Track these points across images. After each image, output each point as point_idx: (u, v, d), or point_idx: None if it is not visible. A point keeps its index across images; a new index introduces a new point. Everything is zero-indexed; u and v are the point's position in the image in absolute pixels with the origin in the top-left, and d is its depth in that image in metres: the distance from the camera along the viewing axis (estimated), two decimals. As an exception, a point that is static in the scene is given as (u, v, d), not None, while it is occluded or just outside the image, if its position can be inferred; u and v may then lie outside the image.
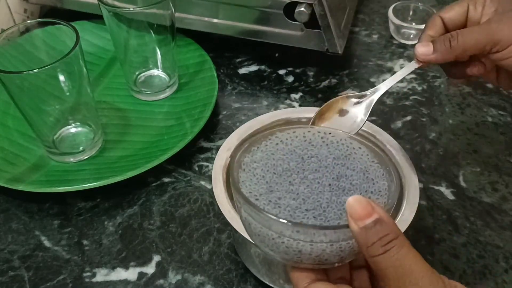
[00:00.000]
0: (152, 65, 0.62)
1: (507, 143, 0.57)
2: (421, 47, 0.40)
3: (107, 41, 0.65)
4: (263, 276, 0.43)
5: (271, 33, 0.62)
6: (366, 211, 0.27)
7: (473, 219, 0.50)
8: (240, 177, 0.32)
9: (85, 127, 0.55)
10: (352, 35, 0.72)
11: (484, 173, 0.54)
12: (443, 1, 0.79)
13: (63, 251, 0.48)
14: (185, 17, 0.65)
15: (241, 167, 0.33)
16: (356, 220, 0.27)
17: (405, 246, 0.27)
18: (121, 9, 0.55)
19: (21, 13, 0.71)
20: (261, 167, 0.33)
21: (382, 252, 0.27)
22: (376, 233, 0.27)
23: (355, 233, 0.27)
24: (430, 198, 0.52)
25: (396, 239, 0.27)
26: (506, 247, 0.48)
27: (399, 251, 0.27)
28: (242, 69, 0.68)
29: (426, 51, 0.40)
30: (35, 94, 0.49)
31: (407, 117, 0.61)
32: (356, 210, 0.27)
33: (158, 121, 0.59)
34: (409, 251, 0.27)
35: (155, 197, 0.52)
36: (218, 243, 0.48)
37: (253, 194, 0.31)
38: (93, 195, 0.52)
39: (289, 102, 0.63)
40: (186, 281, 0.45)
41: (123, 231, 0.49)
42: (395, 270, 0.27)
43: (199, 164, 0.55)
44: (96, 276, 0.46)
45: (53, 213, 0.51)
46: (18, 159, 0.54)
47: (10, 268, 0.47)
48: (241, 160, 0.33)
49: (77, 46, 0.47)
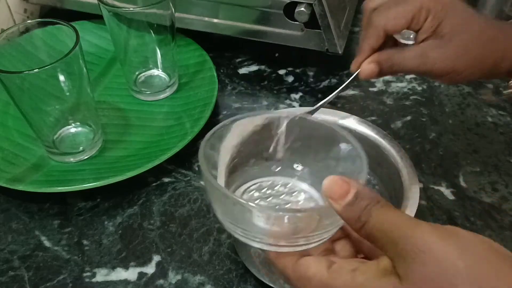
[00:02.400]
0: (152, 65, 0.62)
1: (507, 143, 0.57)
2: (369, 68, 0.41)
3: (107, 41, 0.64)
4: (263, 276, 0.43)
5: (271, 33, 0.62)
6: (343, 189, 0.27)
7: (473, 219, 0.50)
8: None
9: (85, 127, 0.55)
10: (352, 35, 0.72)
11: (484, 173, 0.54)
12: (443, 1, 0.79)
13: (63, 251, 0.48)
14: (185, 17, 0.65)
15: None
16: (337, 200, 0.27)
17: (387, 205, 0.27)
18: (121, 9, 0.55)
19: (21, 13, 0.71)
20: None
21: (367, 219, 0.27)
22: (359, 206, 0.27)
23: (340, 211, 0.27)
24: (430, 198, 0.52)
25: (378, 203, 0.27)
26: (506, 247, 0.47)
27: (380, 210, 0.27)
28: (242, 69, 0.68)
29: (372, 73, 0.41)
30: (35, 94, 0.49)
31: (407, 117, 0.61)
32: (334, 191, 0.27)
33: (158, 121, 0.59)
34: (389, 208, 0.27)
35: (155, 197, 0.52)
36: (218, 243, 0.48)
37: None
38: (93, 195, 0.52)
39: (289, 102, 0.63)
40: (186, 281, 0.45)
41: (123, 231, 0.49)
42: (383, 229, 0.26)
43: (199, 164, 0.55)
44: (96, 276, 0.46)
45: (53, 213, 0.51)
46: (18, 159, 0.54)
47: (10, 268, 0.47)
48: None
49: (77, 46, 0.47)
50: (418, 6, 0.39)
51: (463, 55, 0.39)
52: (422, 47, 0.40)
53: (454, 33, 0.39)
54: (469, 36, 0.39)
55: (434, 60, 0.40)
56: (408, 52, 0.40)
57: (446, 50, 0.39)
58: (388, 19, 0.40)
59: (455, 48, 0.39)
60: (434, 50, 0.39)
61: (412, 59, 0.40)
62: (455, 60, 0.40)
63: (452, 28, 0.39)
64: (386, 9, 0.40)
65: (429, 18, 0.39)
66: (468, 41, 0.39)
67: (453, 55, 0.39)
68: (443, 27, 0.39)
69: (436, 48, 0.39)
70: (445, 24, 0.39)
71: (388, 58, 0.41)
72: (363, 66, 0.41)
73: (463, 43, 0.39)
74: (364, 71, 0.41)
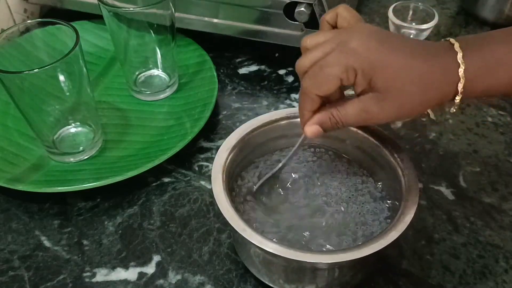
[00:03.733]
0: (152, 65, 0.62)
1: (507, 143, 0.57)
2: (311, 131, 0.40)
3: (107, 41, 0.65)
4: (263, 276, 0.43)
5: (271, 33, 0.62)
6: None
7: (473, 219, 0.50)
8: None
9: (85, 127, 0.55)
10: (352, 35, 0.72)
11: (484, 173, 0.54)
12: (443, 1, 0.79)
13: (63, 251, 0.48)
14: (185, 17, 0.65)
15: None
16: None
17: None
18: (121, 9, 0.55)
19: (21, 13, 0.71)
20: None
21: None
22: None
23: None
24: (430, 198, 0.52)
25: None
26: (506, 247, 0.48)
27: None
28: (242, 69, 0.68)
29: (317, 133, 0.40)
30: (35, 94, 0.49)
31: (407, 117, 0.60)
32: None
33: (158, 121, 0.59)
34: None
35: (155, 197, 0.52)
36: (218, 243, 0.48)
37: None
38: (93, 195, 0.52)
39: (289, 102, 0.63)
40: (186, 281, 0.45)
41: (123, 231, 0.49)
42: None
43: (199, 164, 0.55)
44: (96, 276, 0.46)
45: (53, 213, 0.51)
46: (18, 159, 0.54)
47: (10, 268, 0.47)
48: None
49: (77, 46, 0.47)
50: (343, 68, 0.36)
51: (405, 104, 0.37)
52: (362, 102, 0.38)
53: (389, 86, 0.37)
54: (407, 85, 0.37)
55: (377, 115, 0.38)
56: (350, 107, 0.38)
57: (385, 103, 0.37)
58: (316, 85, 0.38)
59: (394, 100, 0.37)
60: (374, 105, 0.37)
61: (355, 116, 0.38)
62: (398, 109, 0.37)
63: (385, 82, 0.36)
64: (314, 75, 0.38)
65: (358, 76, 0.37)
66: (406, 91, 0.37)
67: (395, 106, 0.37)
68: (375, 82, 0.36)
69: (376, 103, 0.37)
70: (377, 80, 0.36)
71: (328, 119, 0.39)
72: (306, 129, 0.40)
73: (401, 93, 0.37)
74: (308, 133, 0.40)
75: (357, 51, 0.36)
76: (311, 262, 0.37)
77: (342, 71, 0.36)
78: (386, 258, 0.47)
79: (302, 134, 0.42)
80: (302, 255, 0.36)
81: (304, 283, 0.41)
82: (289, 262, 0.39)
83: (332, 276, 0.40)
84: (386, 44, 0.37)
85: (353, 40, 0.37)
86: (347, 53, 0.36)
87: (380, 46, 0.37)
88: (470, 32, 0.74)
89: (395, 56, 0.37)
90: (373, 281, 0.45)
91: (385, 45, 0.37)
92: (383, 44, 0.37)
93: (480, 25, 0.75)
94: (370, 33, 0.37)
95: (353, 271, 0.41)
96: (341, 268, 0.40)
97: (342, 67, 0.36)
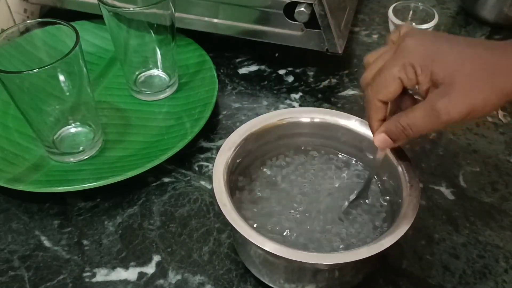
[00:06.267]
0: (152, 65, 0.62)
1: (507, 143, 0.57)
2: (378, 139, 0.40)
3: (107, 41, 0.64)
4: (263, 276, 0.43)
5: (271, 33, 0.62)
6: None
7: (473, 219, 0.50)
8: None
9: (85, 127, 0.55)
10: (352, 35, 0.72)
11: (484, 173, 0.54)
12: (443, 1, 0.79)
13: (63, 251, 0.48)
14: (185, 17, 0.65)
15: None
16: None
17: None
18: (121, 9, 0.55)
19: (21, 13, 0.71)
20: None
21: None
22: None
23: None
24: (430, 198, 0.52)
25: None
26: (506, 247, 0.48)
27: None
28: (242, 69, 0.68)
29: (384, 142, 0.40)
30: (35, 94, 0.49)
31: (407, 117, 0.60)
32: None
33: (158, 121, 0.59)
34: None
35: (155, 197, 0.52)
36: (218, 243, 0.48)
37: None
38: (93, 195, 0.52)
39: (289, 102, 0.63)
40: (186, 281, 0.45)
41: (123, 231, 0.49)
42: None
43: (199, 164, 0.55)
44: (96, 276, 0.46)
45: (53, 213, 0.51)
46: (18, 159, 0.54)
47: (10, 268, 0.47)
48: None
49: (77, 46, 0.47)
50: (400, 67, 0.36)
51: (475, 93, 0.35)
52: (429, 101, 0.36)
53: (451, 75, 0.35)
54: (470, 70, 0.35)
55: (447, 111, 0.35)
56: (418, 110, 0.37)
57: (453, 95, 0.35)
58: (377, 90, 0.38)
59: (462, 89, 0.35)
60: (441, 100, 0.35)
61: (424, 118, 0.36)
62: (469, 100, 0.35)
63: (446, 71, 0.35)
64: (374, 81, 0.38)
65: (418, 72, 0.36)
66: (472, 76, 0.35)
67: (464, 96, 0.35)
68: (437, 74, 0.35)
69: (443, 97, 0.35)
70: (438, 71, 0.35)
71: (395, 126, 0.38)
72: (374, 138, 0.40)
73: (467, 80, 0.35)
74: (376, 142, 0.40)
75: (412, 48, 0.37)
76: (311, 263, 0.37)
77: (399, 70, 0.36)
78: (386, 258, 0.47)
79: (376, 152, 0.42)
80: (302, 255, 0.36)
81: (304, 283, 0.41)
82: (289, 263, 0.39)
83: (332, 276, 0.40)
84: (441, 38, 0.37)
85: (407, 40, 0.37)
86: (402, 52, 0.37)
87: (435, 40, 0.37)
88: (470, 32, 0.74)
89: (454, 45, 0.36)
90: (373, 281, 0.45)
91: (441, 39, 0.37)
92: (439, 39, 0.37)
93: (480, 25, 0.75)
94: (424, 32, 0.38)
95: (353, 271, 0.41)
96: (342, 269, 0.40)
97: (399, 66, 0.36)
